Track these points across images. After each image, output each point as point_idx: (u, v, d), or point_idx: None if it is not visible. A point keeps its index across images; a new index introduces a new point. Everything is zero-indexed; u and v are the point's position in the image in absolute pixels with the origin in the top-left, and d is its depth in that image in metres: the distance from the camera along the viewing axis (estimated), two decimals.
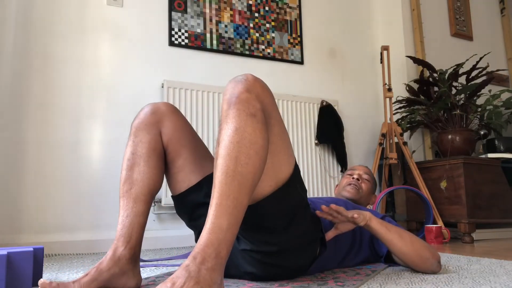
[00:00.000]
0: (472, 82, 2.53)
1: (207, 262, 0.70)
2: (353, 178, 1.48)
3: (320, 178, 2.54)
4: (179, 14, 2.36)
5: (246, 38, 2.54)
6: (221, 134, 0.79)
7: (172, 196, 1.13)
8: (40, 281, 0.80)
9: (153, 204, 2.13)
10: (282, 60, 2.65)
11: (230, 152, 0.77)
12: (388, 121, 2.68)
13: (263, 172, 0.85)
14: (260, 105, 0.83)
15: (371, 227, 1.10)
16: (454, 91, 2.70)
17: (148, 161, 1.02)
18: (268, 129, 0.88)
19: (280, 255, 1.00)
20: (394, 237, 1.09)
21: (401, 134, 2.50)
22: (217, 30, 2.45)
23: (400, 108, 2.68)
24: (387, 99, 2.87)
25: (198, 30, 2.40)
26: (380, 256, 1.27)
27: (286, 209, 0.96)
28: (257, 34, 2.58)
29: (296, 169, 0.99)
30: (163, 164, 1.07)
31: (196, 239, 1.13)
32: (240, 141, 0.77)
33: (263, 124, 0.82)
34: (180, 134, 1.07)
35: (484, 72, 2.54)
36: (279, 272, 1.04)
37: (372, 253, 1.31)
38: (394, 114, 2.78)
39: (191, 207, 1.08)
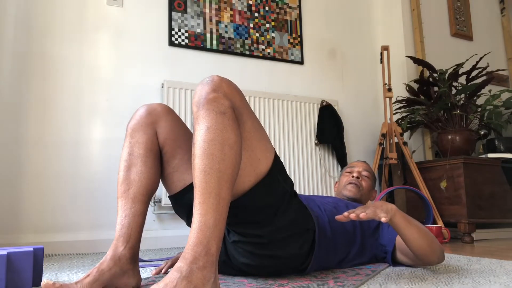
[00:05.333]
0: (472, 82, 2.53)
1: (198, 261, 0.72)
2: (352, 176, 1.48)
3: (320, 178, 2.54)
4: (179, 14, 2.36)
5: (246, 38, 2.54)
6: (195, 135, 0.81)
7: (169, 196, 1.13)
8: (43, 282, 0.80)
9: (153, 204, 2.13)
10: (282, 60, 2.65)
11: (205, 150, 0.78)
12: (388, 121, 2.68)
13: (240, 167, 0.87)
14: (229, 103, 0.85)
15: (394, 222, 1.05)
16: (454, 91, 2.70)
17: (145, 161, 1.02)
18: (240, 126, 0.90)
19: (269, 246, 1.01)
20: (414, 231, 1.06)
21: (401, 134, 2.50)
22: (217, 30, 2.45)
23: (400, 108, 2.68)
24: (387, 99, 2.87)
25: (198, 30, 2.40)
26: (384, 252, 1.27)
27: (269, 202, 0.98)
28: (257, 34, 2.58)
29: (276, 162, 1.00)
30: (160, 164, 1.07)
31: None
32: (214, 139, 0.79)
33: (234, 120, 0.84)
34: (176, 134, 1.08)
35: (484, 72, 2.54)
36: (272, 263, 1.05)
37: (373, 259, 1.31)
38: (394, 114, 2.78)
39: (189, 206, 1.08)
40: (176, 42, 2.33)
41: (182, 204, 1.10)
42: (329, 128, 2.57)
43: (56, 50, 2.05)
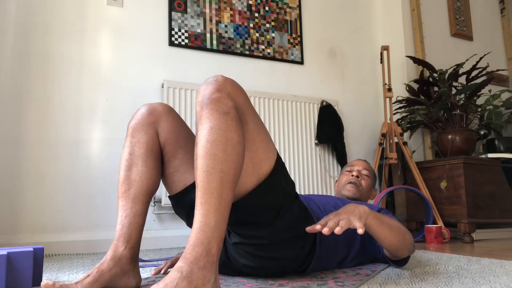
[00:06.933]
0: (472, 82, 2.53)
1: (198, 261, 0.71)
2: (352, 175, 1.47)
3: (320, 178, 2.54)
4: (179, 14, 2.36)
5: (246, 38, 2.54)
6: (198, 135, 0.81)
7: (169, 197, 1.13)
8: (43, 283, 0.80)
9: (153, 204, 2.13)
10: (282, 60, 2.65)
11: (208, 151, 0.78)
12: (388, 121, 2.68)
13: (242, 168, 0.86)
14: (232, 103, 0.84)
15: (367, 225, 1.03)
16: (454, 91, 2.70)
17: (146, 161, 1.02)
18: (243, 126, 0.89)
19: (270, 248, 1.01)
20: (386, 230, 1.04)
21: (401, 134, 2.50)
22: (217, 30, 2.45)
23: (400, 108, 2.68)
24: (387, 99, 2.87)
25: (198, 30, 2.40)
26: (381, 253, 1.27)
27: (270, 203, 0.97)
28: (257, 34, 2.58)
29: (278, 163, 0.99)
30: (160, 164, 1.07)
31: None
32: (216, 139, 0.79)
33: (237, 121, 0.83)
34: (177, 134, 1.08)
35: (484, 72, 2.54)
36: (273, 265, 1.05)
37: (372, 259, 1.31)
38: (394, 114, 2.78)
39: (189, 206, 1.08)
40: (176, 42, 2.33)
41: (182, 205, 1.10)
42: (329, 128, 2.57)
43: (56, 49, 2.05)
